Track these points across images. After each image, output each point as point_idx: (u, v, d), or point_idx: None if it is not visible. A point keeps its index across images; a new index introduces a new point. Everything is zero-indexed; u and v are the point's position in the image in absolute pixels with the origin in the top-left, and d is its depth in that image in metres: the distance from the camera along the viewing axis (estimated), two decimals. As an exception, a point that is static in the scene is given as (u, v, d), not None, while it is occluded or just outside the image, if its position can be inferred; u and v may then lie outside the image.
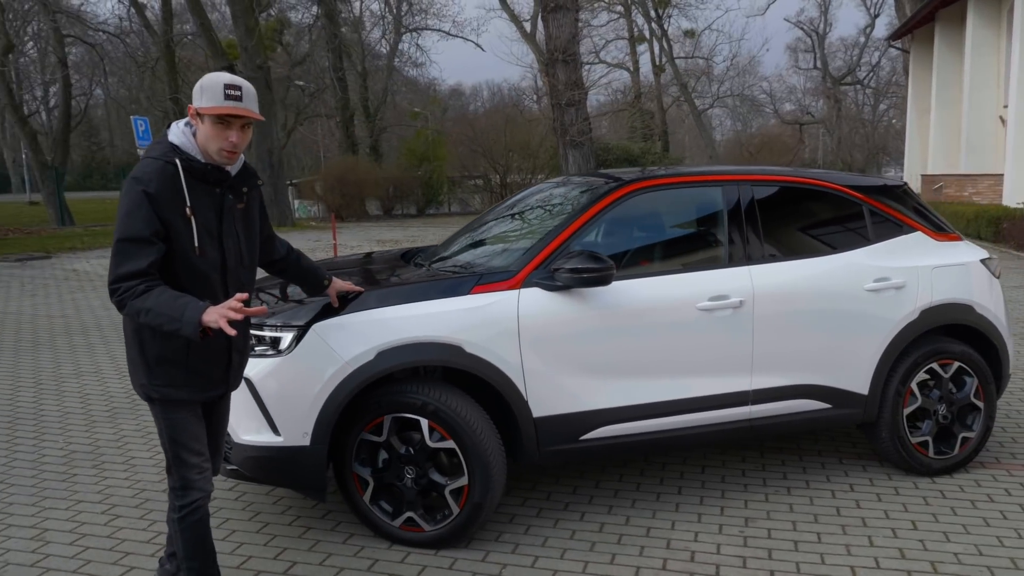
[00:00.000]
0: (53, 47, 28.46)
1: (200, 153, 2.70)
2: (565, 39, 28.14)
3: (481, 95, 68.30)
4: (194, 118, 2.71)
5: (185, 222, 2.64)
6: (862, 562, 3.41)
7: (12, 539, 3.66)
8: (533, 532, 3.72)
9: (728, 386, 3.91)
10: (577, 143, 27.66)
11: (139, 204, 2.58)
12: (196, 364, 2.76)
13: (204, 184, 2.71)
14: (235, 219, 2.83)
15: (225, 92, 2.65)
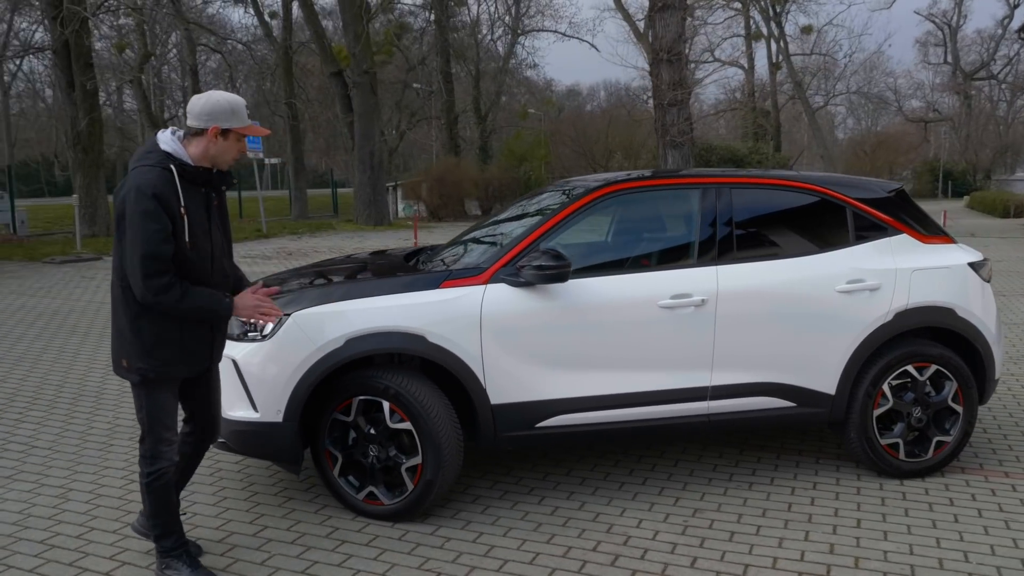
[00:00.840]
0: (186, 56, 30.70)
1: (189, 158, 3.11)
2: (671, 38, 27.96)
3: (598, 95, 68.42)
4: (215, 136, 3.10)
5: (179, 219, 3.04)
6: (787, 554, 3.53)
7: (39, 496, 4.27)
8: (489, 512, 4.01)
9: (686, 381, 4.07)
10: (677, 143, 27.43)
11: (153, 208, 2.97)
12: (187, 344, 3.19)
13: (193, 185, 3.11)
14: (218, 215, 3.27)
15: (246, 112, 3.21)
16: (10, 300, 10.54)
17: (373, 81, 21.58)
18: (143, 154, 3.13)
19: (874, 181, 4.62)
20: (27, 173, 53.11)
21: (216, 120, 3.10)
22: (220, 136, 3.12)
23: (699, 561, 3.48)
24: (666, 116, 27.78)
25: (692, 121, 28.44)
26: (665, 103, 27.65)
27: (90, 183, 19.24)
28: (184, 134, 3.15)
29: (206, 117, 3.09)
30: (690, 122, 28.00)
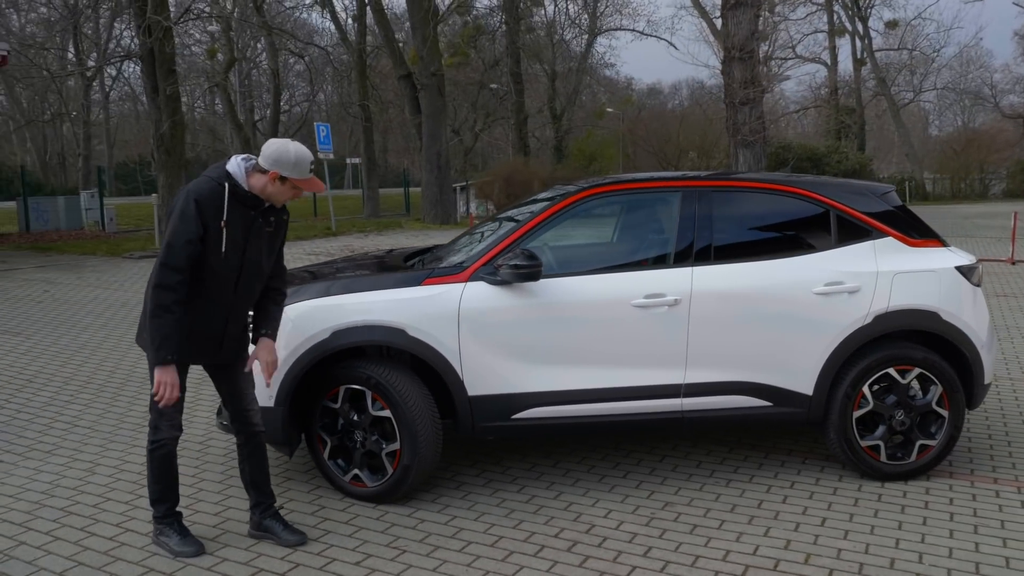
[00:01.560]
0: (268, 60, 31.93)
1: (246, 184, 3.45)
2: (743, 36, 27.62)
3: (680, 93, 67.66)
4: (274, 180, 3.42)
5: (218, 231, 3.38)
6: (741, 548, 3.62)
7: (70, 470, 4.70)
8: (469, 497, 4.22)
9: (659, 378, 4.20)
10: (748, 142, 27.06)
11: (191, 211, 3.34)
12: (195, 337, 3.50)
13: (242, 207, 3.45)
14: (260, 239, 3.55)
15: (309, 168, 3.48)
16: (86, 292, 11.31)
17: (441, 83, 22.04)
18: (212, 168, 3.54)
19: (863, 184, 4.63)
20: (125, 172, 56.10)
21: (278, 167, 3.42)
22: (278, 180, 3.44)
23: (653, 551, 3.61)
24: (737, 115, 27.48)
25: (765, 120, 28.03)
26: (737, 102, 27.35)
27: (172, 183, 20.25)
28: (252, 166, 3.49)
29: (271, 162, 3.42)
30: (762, 121, 27.65)
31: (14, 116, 49.60)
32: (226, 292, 3.52)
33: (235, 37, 35.77)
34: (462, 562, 3.53)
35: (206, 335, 3.55)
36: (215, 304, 3.52)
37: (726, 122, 28.74)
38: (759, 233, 4.44)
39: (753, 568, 3.44)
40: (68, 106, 45.42)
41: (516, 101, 33.75)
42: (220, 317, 3.56)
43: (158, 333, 3.34)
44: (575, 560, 3.53)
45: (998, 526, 3.81)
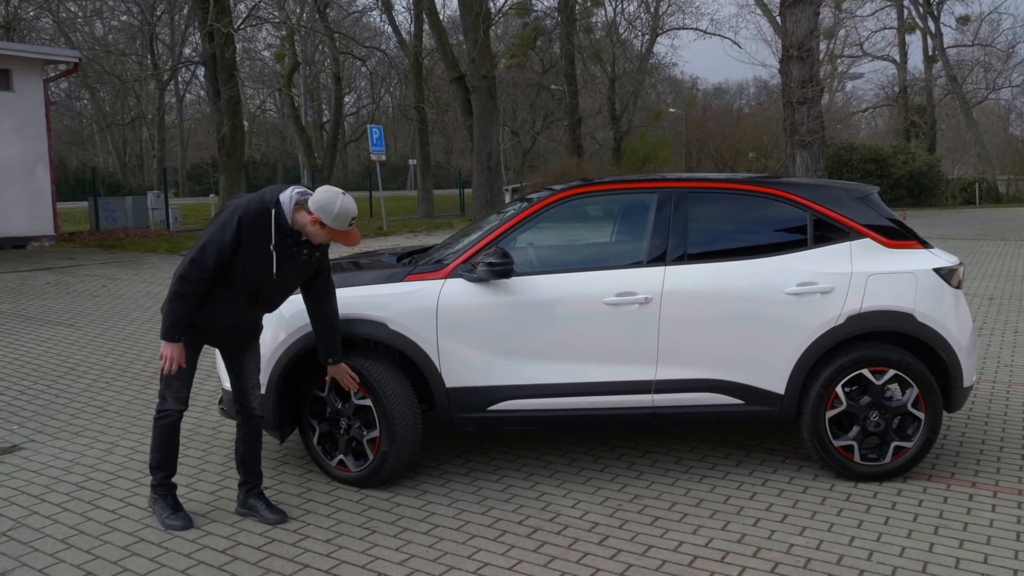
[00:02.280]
0: (330, 64, 32.76)
1: (290, 217, 3.70)
2: (802, 34, 27.09)
3: (747, 92, 66.66)
4: (315, 223, 3.67)
5: (266, 251, 3.69)
6: (695, 540, 3.73)
7: (91, 449, 5.08)
8: (448, 485, 4.42)
9: (630, 375, 4.32)
10: (806, 143, 26.54)
11: (232, 226, 3.64)
12: (205, 325, 3.85)
13: (282, 234, 3.73)
14: (293, 263, 3.81)
15: (350, 222, 3.72)
16: (140, 287, 11.91)
17: (492, 85, 22.32)
18: (270, 191, 3.80)
19: (843, 185, 4.66)
20: (199, 173, 58.08)
21: (321, 214, 3.67)
22: (318, 224, 3.69)
23: (609, 540, 3.75)
24: (795, 115, 26.94)
25: (823, 120, 27.45)
26: (794, 101, 26.80)
27: (232, 183, 21.05)
28: (299, 202, 3.73)
29: (317, 207, 3.66)
30: (821, 121, 27.00)
31: (97, 120, 52.02)
32: (245, 297, 3.84)
33: (300, 42, 36.84)
34: (425, 543, 3.73)
35: (218, 325, 3.89)
36: (233, 303, 3.84)
37: (783, 122, 28.29)
38: (735, 234, 4.52)
39: (700, 559, 3.55)
40: (144, 110, 47.41)
41: (570, 103, 33.85)
42: (234, 315, 3.88)
43: (171, 315, 3.72)
44: (532, 545, 3.70)
45: (960, 528, 3.83)
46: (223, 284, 3.77)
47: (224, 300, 3.81)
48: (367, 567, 3.51)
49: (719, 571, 3.44)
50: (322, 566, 3.52)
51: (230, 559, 3.59)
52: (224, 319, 3.88)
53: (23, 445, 5.14)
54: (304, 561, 3.57)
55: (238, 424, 4.10)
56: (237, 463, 4.10)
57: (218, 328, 3.91)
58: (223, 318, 3.87)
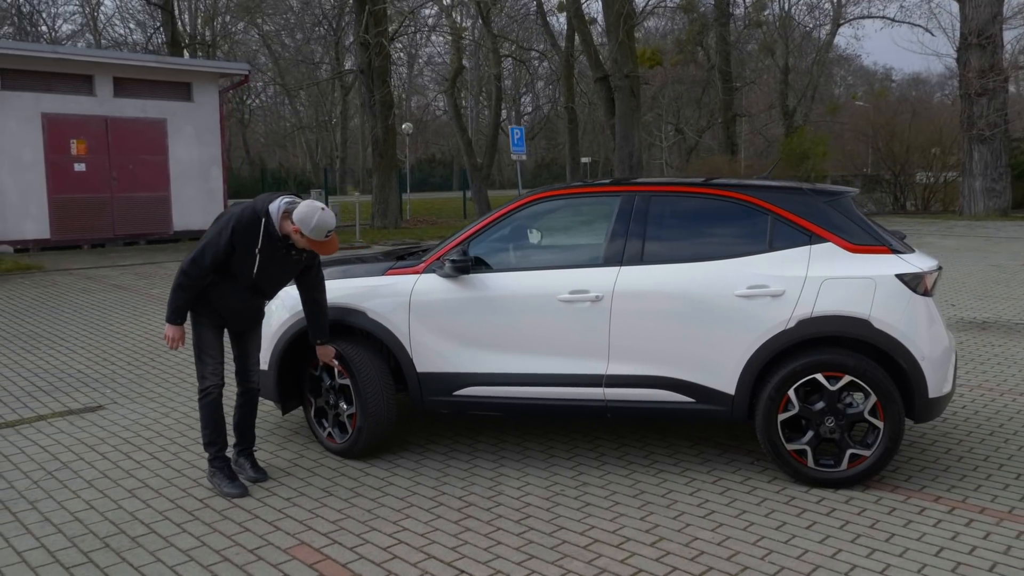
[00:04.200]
0: (491, 66, 33.83)
1: (278, 225, 4.21)
2: (983, 20, 25.24)
3: (950, 83, 61.58)
4: (296, 231, 4.14)
5: (252, 256, 4.22)
6: (607, 527, 3.91)
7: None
8: (423, 463, 4.81)
9: (583, 368, 4.54)
10: (985, 138, 24.49)
11: (227, 234, 4.16)
12: (218, 308, 4.41)
13: (271, 239, 4.23)
14: (284, 262, 4.34)
15: (325, 233, 4.17)
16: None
17: (635, 85, 22.32)
18: (262, 200, 4.30)
19: (812, 188, 4.59)
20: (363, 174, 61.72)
21: (301, 226, 4.15)
22: (299, 232, 4.18)
23: (529, 519, 4.01)
24: (973, 107, 24.97)
25: (1007, 112, 25.12)
26: (972, 93, 24.86)
27: (383, 183, 22.47)
28: (286, 211, 4.21)
29: (298, 221, 4.15)
30: (1003, 113, 24.87)
31: (293, 123, 56.71)
32: (244, 289, 4.38)
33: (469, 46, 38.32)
34: (365, 507, 4.17)
35: (229, 308, 4.44)
36: (237, 291, 4.37)
37: (960, 115, 26.05)
38: (694, 237, 4.60)
39: (599, 543, 3.75)
40: (330, 113, 51.09)
41: (724, 99, 32.92)
42: (239, 300, 4.42)
43: (174, 303, 4.31)
44: (455, 517, 4.04)
45: (884, 539, 3.76)
46: (227, 275, 4.31)
47: (230, 289, 4.36)
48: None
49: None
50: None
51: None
52: (232, 304, 4.43)
53: (107, 406, 6.09)
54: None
55: (238, 393, 4.65)
56: (234, 428, 4.68)
57: (229, 311, 4.46)
58: (231, 303, 4.42)
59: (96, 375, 6.98)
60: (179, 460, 4.89)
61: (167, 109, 18.47)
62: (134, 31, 39.67)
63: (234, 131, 55.31)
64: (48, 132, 16.80)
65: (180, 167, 18.68)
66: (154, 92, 18.38)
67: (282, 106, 57.45)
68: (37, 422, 5.67)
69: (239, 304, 4.45)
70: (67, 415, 5.84)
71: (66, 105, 17.04)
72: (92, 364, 7.38)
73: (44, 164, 16.81)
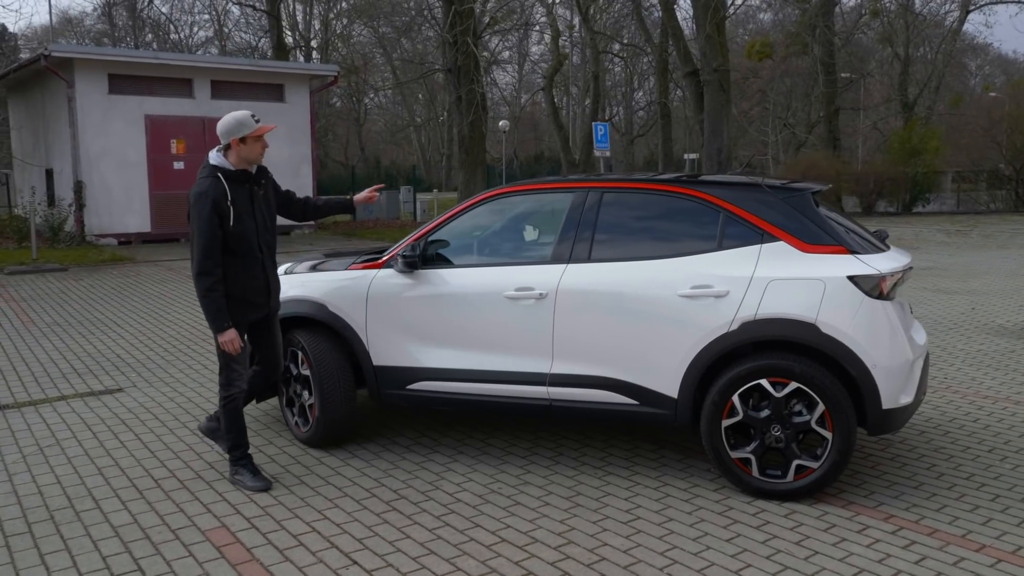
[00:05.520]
0: (589, 63, 33.73)
1: (230, 165, 4.24)
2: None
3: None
4: (238, 144, 4.21)
5: (227, 210, 4.16)
6: (520, 527, 3.84)
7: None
8: (382, 455, 4.86)
9: (528, 366, 4.48)
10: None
11: (207, 208, 4.10)
12: (248, 295, 4.31)
13: (238, 184, 4.25)
14: (259, 201, 4.36)
15: (254, 120, 4.26)
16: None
17: (724, 79, 21.66)
18: (201, 168, 4.31)
19: (767, 184, 4.34)
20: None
21: (231, 134, 4.21)
22: (241, 144, 4.24)
23: (449, 516, 4.00)
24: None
25: None
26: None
27: (469, 179, 22.74)
28: (221, 148, 4.28)
29: (225, 135, 4.21)
30: None
31: (410, 121, 58.21)
32: (254, 250, 4.30)
33: (563, 44, 38.27)
34: (303, 495, 4.26)
35: (255, 290, 4.34)
36: (251, 263, 4.29)
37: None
38: (645, 235, 4.44)
39: (504, 543, 3.70)
40: (439, 111, 52.10)
41: (826, 93, 31.40)
42: (260, 271, 4.35)
43: (211, 308, 4.17)
44: (379, 508, 4.08)
45: (804, 556, 3.54)
46: (233, 257, 4.22)
47: (244, 268, 4.26)
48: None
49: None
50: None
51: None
52: (256, 281, 4.33)
53: (126, 388, 6.48)
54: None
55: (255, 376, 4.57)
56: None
57: (258, 293, 4.35)
58: (255, 281, 4.32)
59: (131, 359, 7.42)
60: (159, 442, 5.14)
61: (261, 110, 19.32)
62: (256, 37, 41.65)
63: (351, 130, 57.37)
64: (150, 133, 17.95)
65: (271, 165, 19.24)
66: (249, 94, 19.29)
67: (399, 105, 59.01)
68: (57, 402, 6.09)
69: (262, 278, 4.35)
70: (86, 396, 6.24)
71: (167, 107, 18.14)
72: (132, 349, 7.85)
73: (146, 162, 17.98)
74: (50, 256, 14.93)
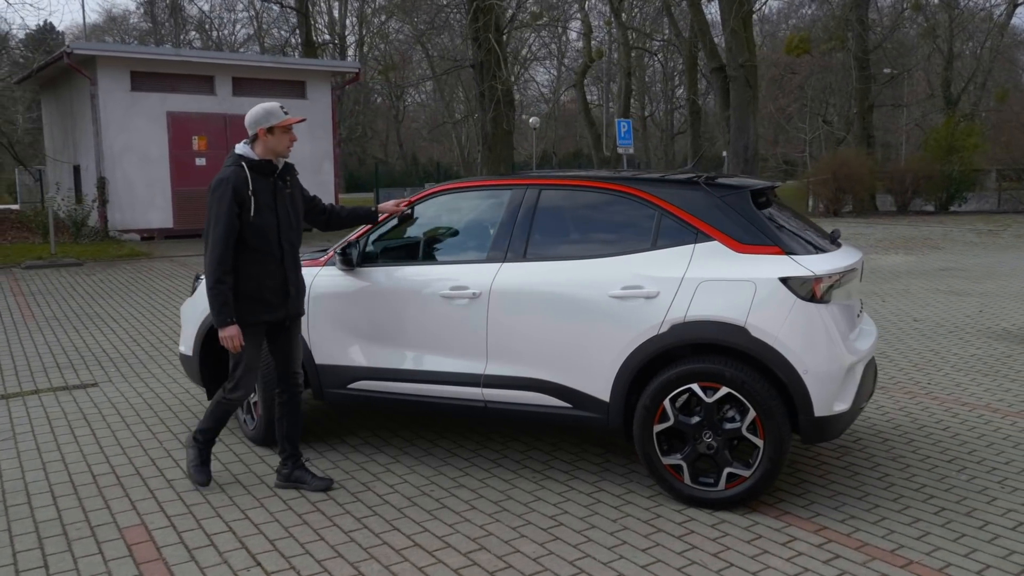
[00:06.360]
0: (620, 59, 33.41)
1: (255, 155, 4.07)
2: None
3: None
4: (265, 135, 4.04)
5: (248, 200, 3.98)
6: (436, 530, 3.77)
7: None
8: (327, 455, 4.85)
9: (463, 367, 4.40)
10: None
11: (227, 196, 3.94)
12: (265, 295, 4.11)
13: (261, 176, 4.07)
14: (284, 198, 4.18)
15: (283, 112, 4.12)
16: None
17: (751, 74, 21.26)
18: (228, 159, 4.15)
19: (706, 181, 4.18)
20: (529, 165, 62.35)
21: (258, 124, 4.05)
22: (268, 134, 4.08)
23: (370, 518, 3.94)
24: None
25: None
26: None
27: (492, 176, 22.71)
28: (248, 140, 4.13)
29: (252, 125, 4.06)
30: None
31: (448, 118, 58.38)
32: (274, 247, 4.10)
33: (601, 40, 37.97)
34: (232, 494, 4.23)
35: (272, 289, 4.13)
36: (270, 260, 4.10)
37: None
38: (582, 233, 4.34)
39: (416, 547, 3.62)
40: (471, 108, 52.03)
41: (859, 88, 30.63)
42: (279, 269, 4.14)
43: (217, 302, 3.99)
44: (304, 508, 4.03)
45: (717, 568, 3.40)
46: (252, 253, 4.04)
47: (262, 264, 4.08)
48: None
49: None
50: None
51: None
52: (275, 279, 4.13)
53: (101, 383, 6.55)
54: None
55: (282, 401, 4.35)
56: (280, 437, 4.35)
57: (275, 293, 4.13)
58: (274, 279, 4.12)
59: (115, 354, 7.51)
60: (111, 438, 5.16)
61: (282, 107, 19.53)
62: (286, 34, 42.09)
63: (390, 127, 57.68)
64: (172, 129, 18.22)
65: (293, 160, 19.66)
66: (270, 90, 19.43)
67: (439, 101, 59.13)
68: (30, 396, 6.18)
69: (281, 279, 4.16)
70: (59, 390, 6.32)
71: (188, 104, 18.39)
72: (119, 344, 7.95)
73: (168, 159, 18.26)
74: (69, 251, 15.24)
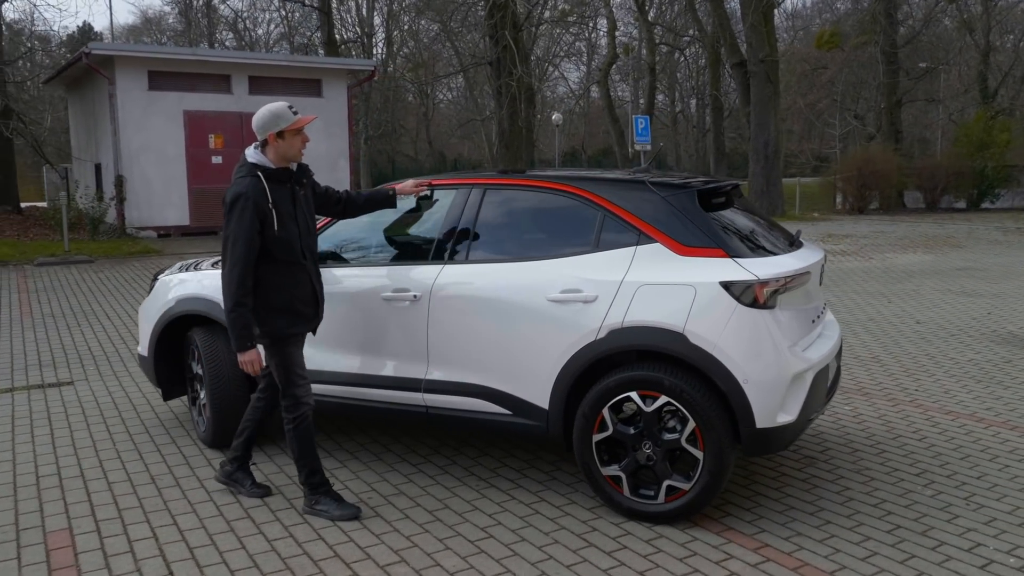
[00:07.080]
0: (646, 56, 33.10)
1: (270, 163, 3.82)
2: None
3: None
4: (275, 140, 3.79)
5: (269, 212, 3.73)
6: (393, 541, 3.65)
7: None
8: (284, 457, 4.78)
9: (404, 371, 4.28)
10: None
11: (249, 211, 3.69)
12: (297, 307, 3.90)
13: (279, 184, 3.83)
14: (301, 203, 3.94)
15: (292, 112, 3.83)
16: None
17: (771, 70, 20.84)
18: (238, 168, 3.87)
19: (652, 181, 4.01)
20: (565, 162, 62.11)
21: (268, 129, 3.78)
22: (279, 139, 3.82)
23: (329, 529, 3.85)
24: None
25: None
26: None
27: (508, 173, 22.57)
28: (258, 145, 3.88)
29: (261, 130, 3.80)
30: None
31: (477, 115, 58.37)
32: (298, 256, 3.88)
33: (631, 36, 37.67)
34: (169, 498, 4.16)
35: (302, 299, 3.92)
36: (296, 272, 3.89)
37: None
38: (523, 234, 4.19)
39: (372, 547, 3.54)
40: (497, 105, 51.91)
41: (886, 83, 29.91)
42: (306, 280, 3.94)
43: (237, 325, 3.77)
44: (265, 518, 3.92)
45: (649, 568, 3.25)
46: (276, 266, 3.82)
47: (289, 277, 3.87)
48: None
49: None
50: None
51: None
52: (304, 291, 3.93)
53: (77, 382, 6.55)
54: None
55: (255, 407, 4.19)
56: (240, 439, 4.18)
57: (306, 304, 3.95)
58: (302, 289, 3.92)
59: (99, 352, 7.52)
60: (67, 438, 5.13)
61: (298, 105, 19.49)
62: (310, 32, 42.22)
63: (419, 124, 57.79)
64: (189, 128, 18.35)
65: (309, 159, 19.41)
66: (286, 89, 19.51)
67: (468, 99, 59.06)
68: (3, 394, 6.18)
69: (310, 287, 3.96)
70: (33, 389, 6.33)
71: (205, 103, 18.51)
72: (106, 342, 7.96)
73: (185, 157, 18.39)
74: (84, 248, 15.41)
